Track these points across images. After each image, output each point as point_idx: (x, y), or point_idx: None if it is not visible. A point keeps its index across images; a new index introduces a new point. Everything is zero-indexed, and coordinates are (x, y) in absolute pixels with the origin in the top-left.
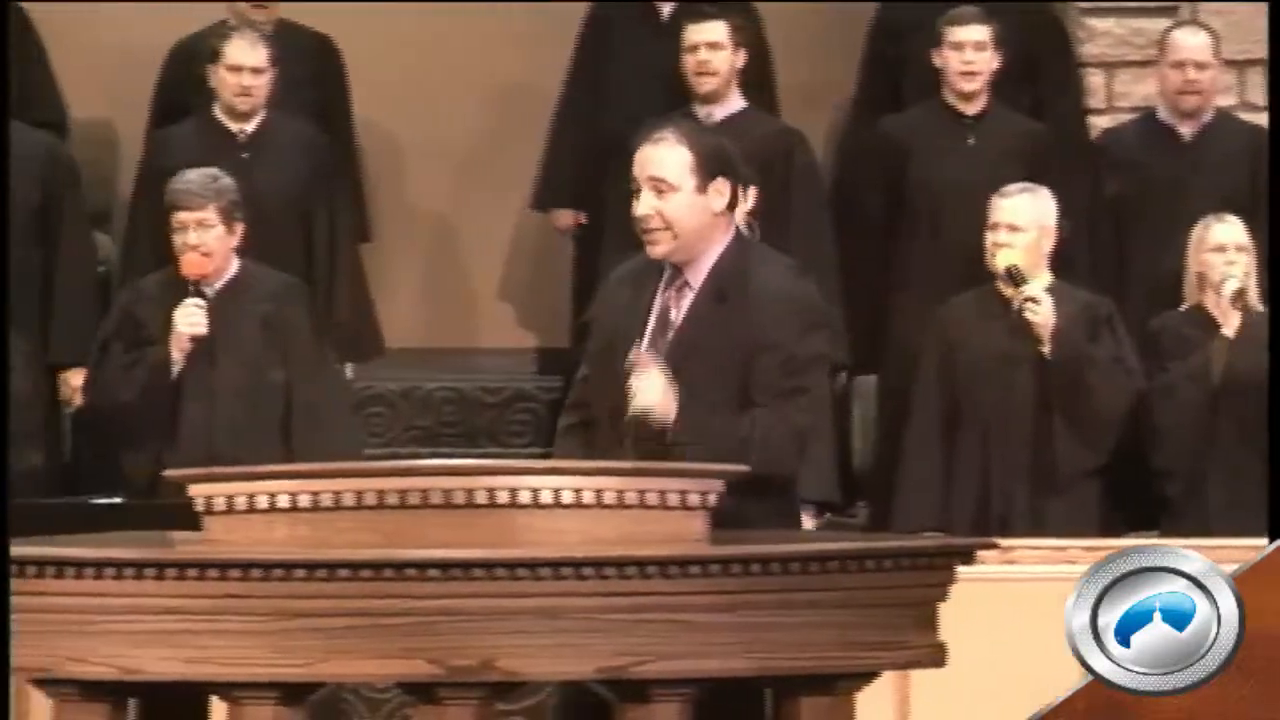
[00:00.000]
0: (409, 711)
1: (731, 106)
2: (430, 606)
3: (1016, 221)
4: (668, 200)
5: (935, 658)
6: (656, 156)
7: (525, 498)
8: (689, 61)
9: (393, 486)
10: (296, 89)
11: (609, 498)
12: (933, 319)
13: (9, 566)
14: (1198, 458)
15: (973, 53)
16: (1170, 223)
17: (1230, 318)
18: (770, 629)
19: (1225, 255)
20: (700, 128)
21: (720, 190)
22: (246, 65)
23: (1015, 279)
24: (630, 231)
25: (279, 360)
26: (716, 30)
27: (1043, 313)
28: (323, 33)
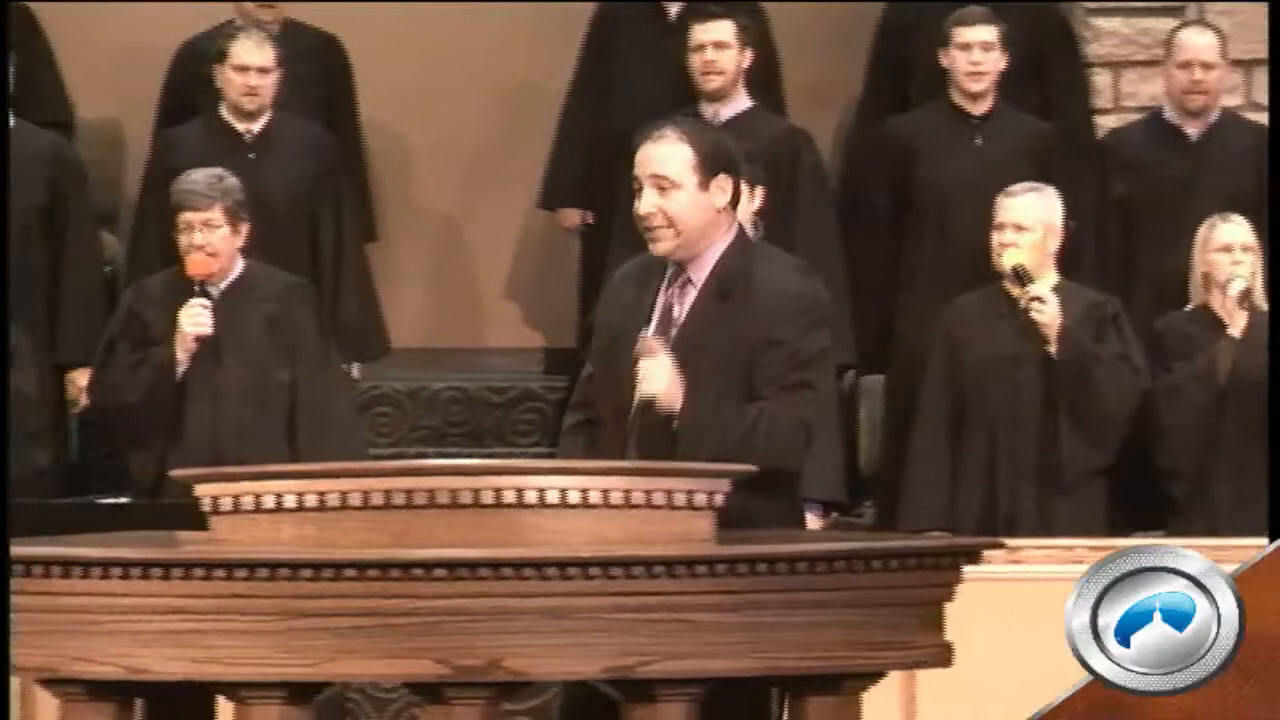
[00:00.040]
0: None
1: (738, 106)
2: (437, 606)
3: (1023, 221)
4: (670, 198)
5: (942, 658)
6: (658, 154)
7: (532, 498)
8: (695, 61)
9: (399, 486)
10: (303, 89)
11: (616, 498)
12: (939, 319)
13: (9, 566)
14: (1204, 458)
15: (980, 53)
16: (1177, 222)
17: (1236, 318)
18: (776, 629)
19: (1231, 255)
20: (701, 124)
21: (722, 187)
22: (253, 65)
23: (1021, 278)
24: (637, 230)
25: (284, 360)
26: (723, 29)
27: (1049, 312)
28: (329, 33)
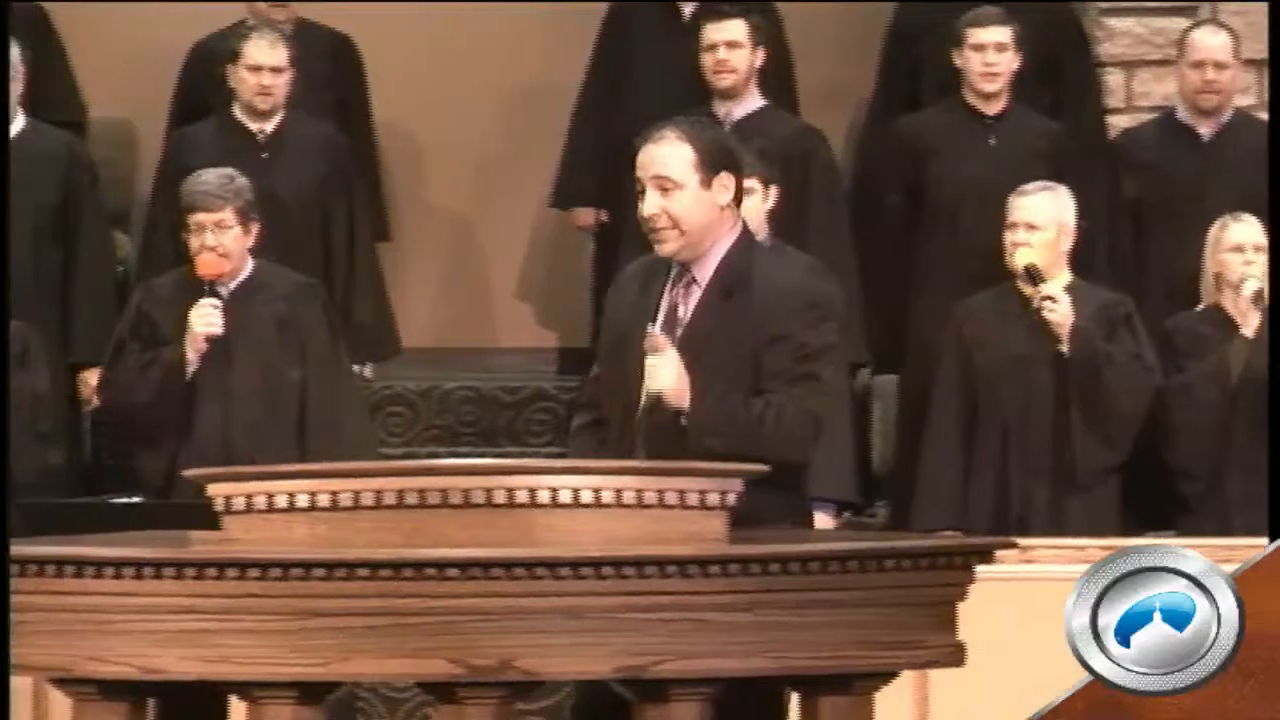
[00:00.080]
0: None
1: (751, 105)
2: (449, 606)
3: (1035, 220)
4: (673, 198)
5: (954, 657)
6: (659, 155)
7: (544, 497)
8: (708, 60)
9: (412, 486)
10: (316, 89)
11: (628, 497)
12: (952, 318)
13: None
14: (1217, 457)
15: (994, 54)
16: (1189, 222)
17: (1250, 318)
18: (789, 628)
19: (1243, 255)
20: (701, 123)
21: (725, 185)
22: (266, 65)
23: (1034, 278)
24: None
25: (294, 360)
26: (735, 29)
27: (1061, 311)
28: (342, 32)
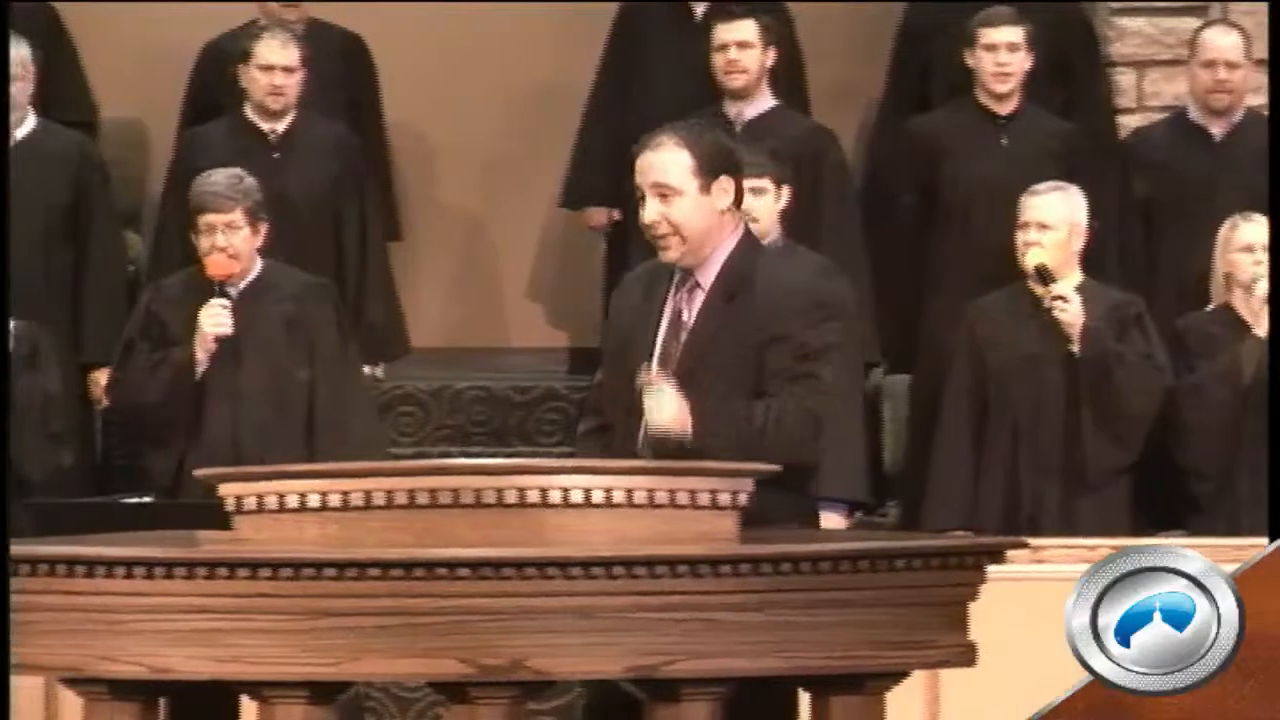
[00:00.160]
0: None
1: (762, 105)
2: (461, 606)
3: (1047, 220)
4: (673, 205)
5: (965, 657)
6: (658, 162)
7: (555, 497)
8: (719, 60)
9: (423, 486)
10: (327, 89)
11: (639, 497)
12: (963, 318)
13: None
14: (1228, 458)
15: (1006, 54)
16: (1200, 222)
17: (1261, 318)
18: (800, 628)
19: (1254, 255)
20: (699, 127)
21: (724, 188)
22: (278, 65)
23: (1044, 278)
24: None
25: (303, 360)
26: (746, 29)
27: (1072, 311)
28: (354, 32)
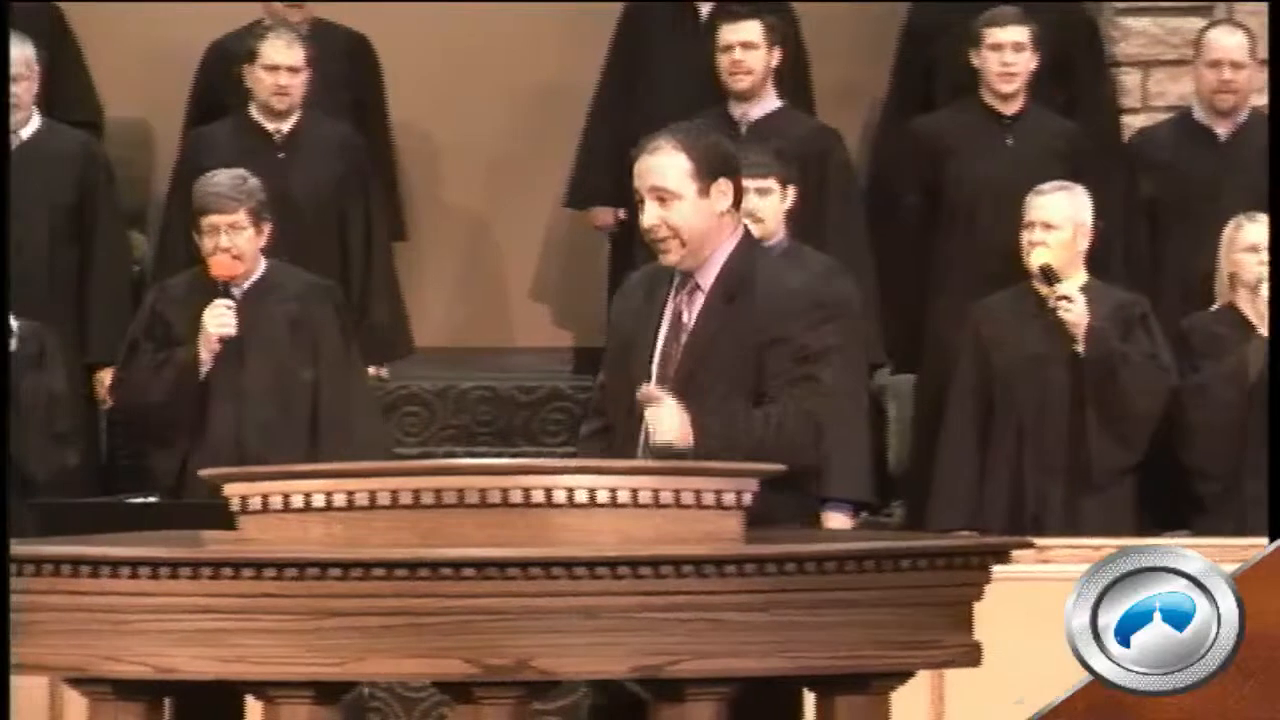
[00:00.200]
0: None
1: (767, 105)
2: (466, 606)
3: (1052, 220)
4: (671, 209)
5: (970, 657)
6: (656, 166)
7: (560, 497)
8: (723, 61)
9: (428, 486)
10: (332, 89)
11: (644, 497)
12: (968, 318)
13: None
14: (1233, 458)
15: (1012, 54)
16: (1205, 222)
17: (1267, 318)
18: (805, 628)
19: (1258, 255)
20: (697, 129)
21: (723, 190)
22: (283, 65)
23: (1049, 278)
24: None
25: (307, 360)
26: (751, 30)
27: (1076, 311)
28: (359, 32)
